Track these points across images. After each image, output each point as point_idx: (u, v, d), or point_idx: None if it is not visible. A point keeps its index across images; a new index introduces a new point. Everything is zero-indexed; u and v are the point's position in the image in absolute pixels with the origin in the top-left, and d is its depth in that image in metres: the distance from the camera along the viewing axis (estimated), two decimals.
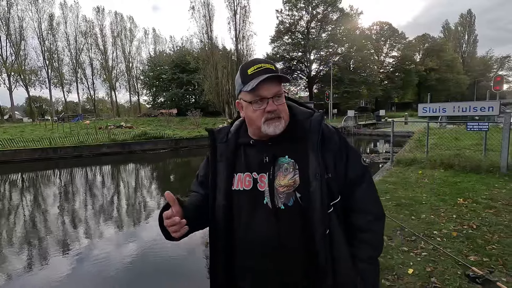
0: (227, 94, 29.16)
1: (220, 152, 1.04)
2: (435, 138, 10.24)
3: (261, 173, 0.96)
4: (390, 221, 3.98)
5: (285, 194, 0.93)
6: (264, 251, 0.94)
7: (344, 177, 1.00)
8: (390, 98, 50.25)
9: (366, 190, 1.03)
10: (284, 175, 0.94)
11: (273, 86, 0.92)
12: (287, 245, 0.92)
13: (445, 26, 64.00)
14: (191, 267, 4.37)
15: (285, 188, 0.93)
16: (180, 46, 43.33)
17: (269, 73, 0.91)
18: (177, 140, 18.45)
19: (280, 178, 0.94)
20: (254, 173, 0.97)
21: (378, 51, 49.57)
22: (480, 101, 7.89)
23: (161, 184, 10.62)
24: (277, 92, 0.93)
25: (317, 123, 0.99)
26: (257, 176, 0.97)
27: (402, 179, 6.32)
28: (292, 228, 0.92)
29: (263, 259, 0.95)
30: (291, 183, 0.93)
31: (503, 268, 2.69)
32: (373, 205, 1.03)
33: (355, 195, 1.01)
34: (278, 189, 0.94)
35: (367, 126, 26.91)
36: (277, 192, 0.94)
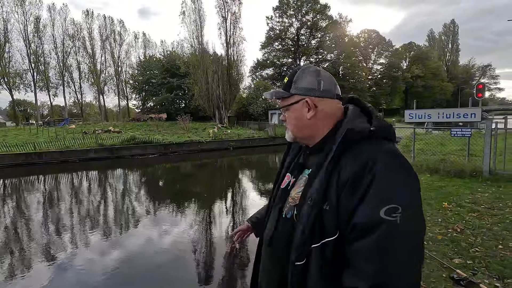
0: (217, 99, 29.15)
1: (292, 148, 1.10)
2: (421, 143, 10.48)
3: (293, 178, 0.99)
4: None
5: (289, 205, 0.92)
6: (264, 254, 1.02)
7: (348, 218, 0.75)
8: (378, 105, 51.23)
9: (370, 247, 0.70)
10: (298, 186, 0.93)
11: (281, 100, 0.97)
12: (273, 256, 0.95)
13: (429, 35, 66.01)
14: (177, 274, 4.30)
15: (292, 200, 0.93)
16: (171, 51, 43.18)
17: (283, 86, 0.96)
18: (166, 145, 18.26)
19: (294, 189, 0.94)
20: (292, 176, 1.00)
21: (366, 58, 50.71)
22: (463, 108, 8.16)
23: (149, 189, 10.46)
24: (282, 105, 0.96)
25: (341, 137, 0.81)
26: (290, 179, 1.00)
27: None
28: (281, 241, 0.91)
29: (262, 262, 1.03)
30: (296, 197, 0.90)
31: (485, 270, 2.75)
32: (369, 266, 0.70)
33: (353, 246, 0.73)
34: (289, 199, 0.94)
35: None
36: (287, 201, 0.95)
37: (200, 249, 5.09)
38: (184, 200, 8.59)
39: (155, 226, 6.30)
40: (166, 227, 6.18)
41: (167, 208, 7.95)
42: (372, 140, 0.79)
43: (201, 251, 5.04)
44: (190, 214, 7.28)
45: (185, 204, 8.15)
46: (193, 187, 10.58)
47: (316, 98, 0.88)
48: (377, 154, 0.76)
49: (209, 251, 5.08)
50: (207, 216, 7.07)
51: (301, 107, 0.90)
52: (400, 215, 0.69)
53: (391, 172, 0.73)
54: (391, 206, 0.70)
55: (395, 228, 0.69)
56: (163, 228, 6.12)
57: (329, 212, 0.76)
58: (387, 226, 0.69)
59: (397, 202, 0.70)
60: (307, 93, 0.89)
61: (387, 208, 0.70)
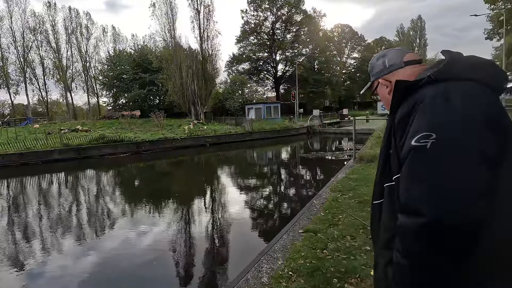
0: (192, 94, 28.38)
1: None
2: None
3: None
4: (354, 220, 3.94)
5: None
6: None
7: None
8: (352, 98, 52.54)
9: (403, 178, 0.75)
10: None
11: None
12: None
13: (399, 30, 68.39)
14: (157, 275, 4.01)
15: None
16: (142, 45, 41.42)
17: None
18: (139, 143, 17.47)
19: None
20: None
21: (340, 53, 51.62)
22: None
23: (121, 190, 9.88)
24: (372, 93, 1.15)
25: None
26: None
27: (364, 176, 6.43)
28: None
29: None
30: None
31: None
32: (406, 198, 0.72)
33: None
34: None
35: (332, 124, 27.76)
36: None
37: (179, 248, 4.95)
38: (160, 199, 8.20)
39: (131, 227, 6.01)
40: (144, 227, 5.92)
41: (142, 208, 7.57)
42: (430, 85, 0.81)
43: (180, 250, 4.90)
44: (168, 213, 6.99)
45: (161, 204, 7.79)
46: (169, 186, 10.13)
47: (387, 75, 1.03)
48: (427, 93, 0.78)
49: (189, 249, 4.93)
50: (186, 214, 6.84)
51: (380, 88, 1.07)
52: (433, 141, 0.70)
53: (432, 106, 0.75)
54: (423, 134, 0.72)
55: (422, 152, 0.71)
56: (141, 229, 5.86)
57: (393, 155, 0.84)
58: (415, 151, 0.72)
59: (429, 130, 0.71)
60: (379, 76, 1.06)
61: (419, 136, 0.72)
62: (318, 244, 3.31)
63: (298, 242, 3.42)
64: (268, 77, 46.23)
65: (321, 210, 4.52)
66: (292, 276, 2.72)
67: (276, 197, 8.05)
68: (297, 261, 2.96)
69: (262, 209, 6.83)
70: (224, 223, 6.12)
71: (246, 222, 5.99)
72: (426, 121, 0.74)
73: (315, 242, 3.37)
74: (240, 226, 5.80)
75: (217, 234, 5.57)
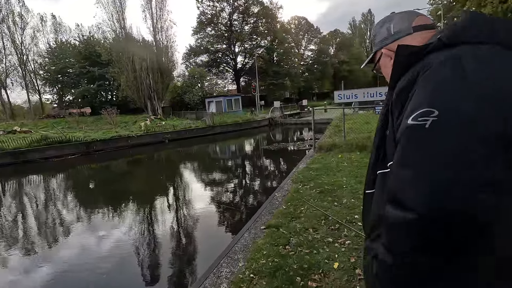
0: (148, 88, 26.84)
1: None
2: (350, 123, 11.10)
3: None
4: (315, 211, 3.89)
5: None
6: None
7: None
8: (311, 89, 54.14)
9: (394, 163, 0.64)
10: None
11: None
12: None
13: (351, 23, 71.66)
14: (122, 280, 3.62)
15: None
16: (88, 36, 37.99)
17: None
18: (89, 143, 16.03)
19: None
20: None
21: (297, 45, 52.58)
22: (384, 87, 8.76)
23: (73, 194, 8.92)
24: (373, 68, 0.98)
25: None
26: None
27: (324, 165, 6.50)
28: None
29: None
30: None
31: None
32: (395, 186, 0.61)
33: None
34: None
35: (292, 115, 28.26)
36: None
37: (144, 250, 4.64)
38: (118, 201, 7.57)
39: (90, 233, 5.52)
40: (103, 232, 5.47)
41: (100, 212, 6.93)
42: (439, 51, 0.65)
43: (145, 252, 4.60)
44: (129, 215, 6.50)
45: (121, 206, 7.22)
46: (127, 187, 9.38)
47: (391, 44, 0.86)
48: (435, 60, 0.63)
49: (147, 254, 4.59)
50: (145, 217, 6.43)
51: (383, 60, 0.89)
52: (434, 119, 0.56)
53: (439, 75, 0.60)
54: (422, 110, 0.58)
55: (418, 132, 0.58)
56: (100, 233, 5.41)
57: (389, 137, 0.72)
58: (410, 130, 0.59)
59: (431, 105, 0.57)
60: (382, 45, 0.88)
61: (418, 113, 0.58)
62: (281, 240, 3.18)
63: (260, 240, 3.26)
64: (227, 70, 45.54)
65: (283, 203, 4.42)
66: (254, 278, 2.55)
67: (240, 192, 7.86)
68: (258, 261, 2.79)
69: (225, 206, 6.60)
70: (186, 224, 5.79)
71: (209, 221, 5.72)
72: (428, 94, 0.59)
73: (277, 238, 3.23)
74: (203, 225, 5.52)
75: (179, 236, 5.22)
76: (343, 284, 2.33)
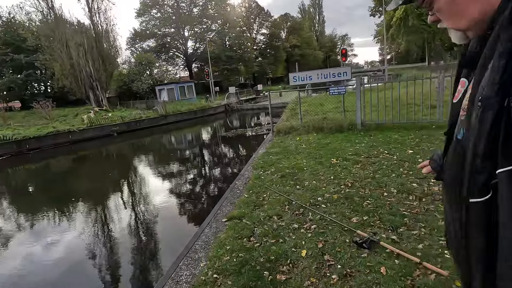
0: (88, 77, 24.21)
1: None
2: (305, 105, 11.22)
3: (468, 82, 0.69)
4: (278, 196, 3.75)
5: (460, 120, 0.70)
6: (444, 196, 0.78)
7: None
8: (265, 74, 54.18)
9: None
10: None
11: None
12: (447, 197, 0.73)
13: (301, 7, 72.61)
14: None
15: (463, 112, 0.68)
16: (8, 17, 32.73)
17: None
18: (20, 141, 14.00)
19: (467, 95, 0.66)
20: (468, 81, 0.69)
21: (249, 29, 51.75)
22: (337, 68, 8.95)
23: (9, 200, 7.66)
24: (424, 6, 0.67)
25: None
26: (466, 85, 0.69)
27: (283, 148, 6.42)
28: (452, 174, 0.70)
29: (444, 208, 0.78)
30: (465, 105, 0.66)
31: (380, 223, 2.76)
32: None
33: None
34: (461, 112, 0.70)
35: (249, 101, 28.03)
36: (460, 116, 0.70)
37: (93, 257, 4.18)
38: (66, 203, 6.71)
39: (35, 240, 4.92)
40: (52, 237, 4.92)
41: (45, 217, 6.10)
42: None
43: (95, 259, 4.14)
44: (76, 218, 5.80)
45: (69, 208, 6.40)
46: (72, 187, 8.33)
47: None
48: None
49: (104, 256, 4.19)
50: (98, 217, 5.86)
51: None
52: None
53: None
54: None
55: None
56: (48, 239, 4.86)
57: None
58: None
59: None
60: None
61: None
62: (244, 231, 2.98)
63: (222, 234, 3.02)
64: (178, 55, 43.25)
65: (245, 191, 4.22)
66: (218, 279, 2.31)
67: (199, 184, 7.49)
68: (222, 259, 2.55)
69: (184, 200, 6.21)
70: (142, 223, 5.30)
71: (168, 218, 5.31)
72: None
73: (241, 230, 3.02)
74: (161, 224, 5.10)
75: (133, 239, 4.74)
76: (312, 272, 2.21)
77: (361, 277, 2.06)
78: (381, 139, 5.94)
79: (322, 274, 2.17)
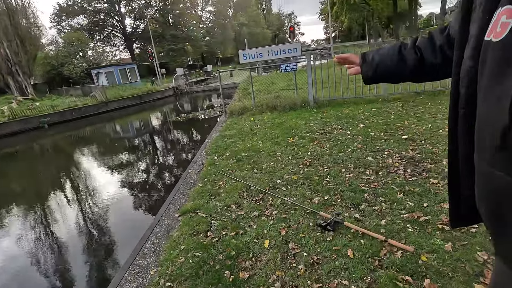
0: (5, 61, 20.60)
1: None
2: (257, 85, 10.96)
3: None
4: (235, 182, 3.49)
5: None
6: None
7: None
8: (214, 54, 52.30)
9: None
10: None
11: None
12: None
13: None
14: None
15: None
16: None
17: None
18: None
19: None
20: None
21: (194, 5, 48.78)
22: (287, 44, 8.74)
23: None
24: None
25: None
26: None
27: (237, 130, 6.13)
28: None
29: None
30: None
31: (342, 201, 2.68)
32: None
33: None
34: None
35: (199, 82, 26.81)
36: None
37: (46, 256, 3.76)
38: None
39: None
40: None
41: None
42: None
43: (47, 257, 3.73)
44: (15, 221, 4.87)
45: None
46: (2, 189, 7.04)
47: None
48: None
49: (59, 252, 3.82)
50: (41, 216, 5.02)
51: None
52: None
53: None
54: None
55: None
56: None
57: None
58: None
59: None
60: None
61: None
62: (200, 226, 2.68)
63: (175, 232, 2.68)
64: (115, 34, 39.14)
65: (199, 179, 3.88)
66: (172, 287, 2.00)
67: (148, 177, 6.87)
68: (176, 262, 2.24)
69: (132, 196, 5.63)
70: (82, 228, 4.65)
71: (112, 220, 4.75)
72: None
73: (196, 225, 2.71)
74: (104, 226, 4.54)
75: (73, 246, 4.12)
76: (278, 265, 2.03)
77: (329, 264, 1.93)
78: (334, 115, 5.99)
79: (288, 266, 2.00)
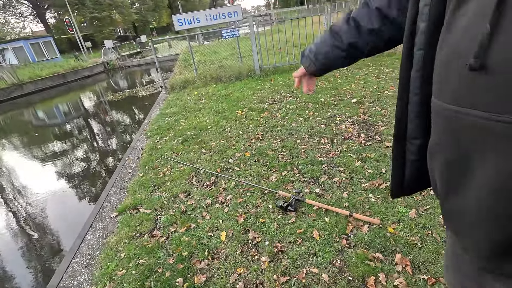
0: None
1: None
2: (198, 55, 10.13)
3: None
4: (182, 167, 3.08)
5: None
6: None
7: None
8: (148, 23, 47.42)
9: None
10: None
11: None
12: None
13: None
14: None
15: None
16: None
17: None
18: None
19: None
20: None
21: None
22: (225, 7, 8.01)
23: None
24: None
25: None
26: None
27: (181, 106, 5.55)
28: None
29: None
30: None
31: (300, 176, 2.49)
32: None
33: None
34: None
35: (133, 56, 24.22)
36: None
37: None
38: None
39: None
40: None
41: None
42: None
43: None
44: None
45: None
46: None
47: None
48: None
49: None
50: None
51: None
52: None
53: None
54: None
55: None
56: None
57: None
58: None
59: None
60: None
61: None
62: (143, 225, 2.28)
63: (112, 237, 2.23)
64: (19, 1, 32.57)
65: (139, 168, 3.36)
66: None
67: (77, 171, 5.91)
68: (115, 276, 1.84)
69: (57, 197, 4.80)
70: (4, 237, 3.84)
71: (34, 231, 3.98)
72: None
73: (138, 224, 2.30)
74: (22, 241, 3.77)
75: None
76: (238, 260, 1.77)
77: (294, 250, 1.74)
78: (281, 83, 5.75)
79: (250, 260, 1.76)
